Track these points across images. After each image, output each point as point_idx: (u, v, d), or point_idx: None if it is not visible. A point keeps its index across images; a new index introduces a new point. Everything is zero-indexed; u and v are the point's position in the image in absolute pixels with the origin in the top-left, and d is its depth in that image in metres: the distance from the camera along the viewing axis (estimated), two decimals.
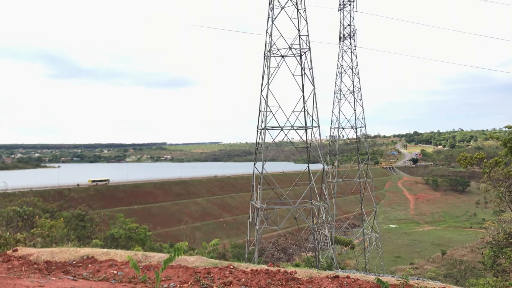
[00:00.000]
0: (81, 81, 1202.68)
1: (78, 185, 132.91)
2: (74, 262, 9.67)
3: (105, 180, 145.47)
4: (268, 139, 54.79)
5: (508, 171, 18.71)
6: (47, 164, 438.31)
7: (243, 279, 8.85)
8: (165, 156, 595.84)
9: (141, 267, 9.37)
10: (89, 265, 9.51)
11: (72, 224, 37.21)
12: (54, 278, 8.44)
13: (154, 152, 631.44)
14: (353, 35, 76.19)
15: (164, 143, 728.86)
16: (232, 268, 9.41)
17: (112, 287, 8.10)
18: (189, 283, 8.62)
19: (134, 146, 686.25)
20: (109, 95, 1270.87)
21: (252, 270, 9.39)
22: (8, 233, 13.80)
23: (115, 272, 9.13)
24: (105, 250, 10.39)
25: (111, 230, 39.63)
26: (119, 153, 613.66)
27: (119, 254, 10.12)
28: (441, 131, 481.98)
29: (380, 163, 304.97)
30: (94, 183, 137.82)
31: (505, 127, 17.04)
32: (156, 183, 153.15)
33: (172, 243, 62.26)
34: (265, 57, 53.38)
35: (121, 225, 41.77)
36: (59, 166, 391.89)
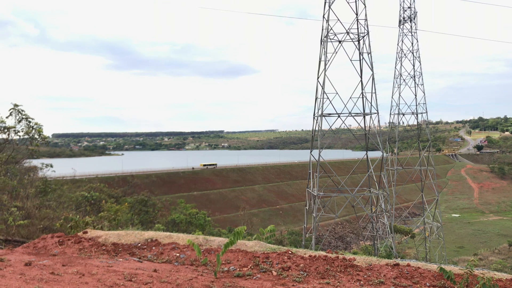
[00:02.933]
0: (143, 72, 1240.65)
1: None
2: (139, 245, 10.12)
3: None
4: (325, 126, 54.33)
5: None
6: (111, 152, 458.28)
7: (301, 265, 8.90)
8: (222, 144, 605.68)
9: (202, 251, 9.65)
10: (153, 248, 9.92)
11: (135, 209, 38.82)
12: (121, 259, 8.89)
13: (212, 140, 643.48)
14: (414, 18, 73.45)
15: (222, 131, 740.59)
16: (290, 254, 9.49)
17: (175, 269, 8.41)
18: (248, 267, 8.79)
19: (193, 134, 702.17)
20: (169, 85, 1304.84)
21: (310, 256, 9.43)
22: (78, 216, 14.64)
23: (178, 254, 9.46)
24: (168, 233, 10.78)
25: (172, 215, 40.97)
26: (178, 141, 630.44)
27: (181, 238, 10.47)
28: (508, 116, 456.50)
29: (442, 151, 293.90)
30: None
31: None
32: (214, 170, 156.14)
33: (230, 228, 63.45)
34: (322, 42, 52.69)
35: (182, 210, 43.05)
36: (122, 154, 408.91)
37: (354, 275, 8.60)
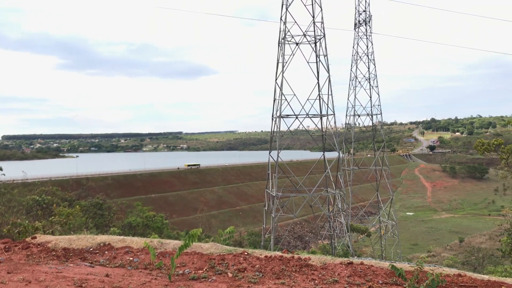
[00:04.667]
0: (98, 72, 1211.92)
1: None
2: (91, 249, 9.85)
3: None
4: (283, 128, 54.78)
5: None
6: (66, 154, 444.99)
7: (257, 266, 8.91)
8: (181, 145, 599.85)
9: (156, 254, 9.50)
10: (106, 252, 9.68)
11: (90, 213, 37.80)
12: (71, 265, 8.62)
13: (170, 141, 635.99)
14: (369, 21, 75.20)
15: (180, 132, 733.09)
16: (246, 255, 9.48)
17: (128, 273, 8.23)
18: (204, 269, 8.72)
19: (150, 135, 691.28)
20: (126, 86, 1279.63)
21: (266, 256, 9.45)
22: (27, 221, 14.09)
23: (131, 258, 9.27)
24: (122, 237, 10.56)
25: (129, 219, 40.19)
26: (136, 142, 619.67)
27: (135, 241, 10.27)
28: (459, 117, 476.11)
29: (397, 151, 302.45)
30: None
31: None
32: (173, 172, 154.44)
33: (188, 231, 62.89)
34: (280, 44, 53.11)
35: (139, 213, 42.31)
36: (77, 156, 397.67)
37: (309, 275, 8.68)
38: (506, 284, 9.07)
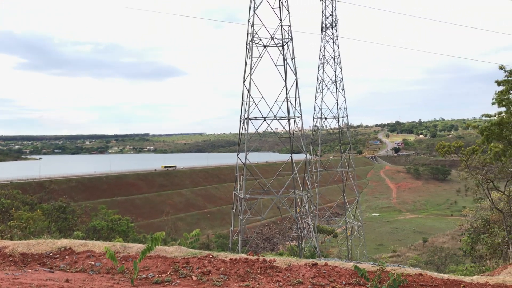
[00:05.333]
0: (63, 72, 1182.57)
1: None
2: (51, 254, 9.58)
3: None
4: (252, 130, 54.83)
5: (484, 159, 19.06)
6: (28, 156, 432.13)
7: (222, 268, 8.87)
8: (148, 147, 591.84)
9: (119, 258, 9.33)
10: (67, 257, 9.44)
11: (53, 216, 36.83)
12: (29, 270, 8.36)
13: (136, 143, 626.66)
14: (335, 25, 76.18)
15: (147, 134, 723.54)
16: (211, 258, 9.43)
17: (89, 278, 8.06)
18: (168, 273, 8.62)
19: (116, 137, 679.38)
20: (92, 86, 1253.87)
21: (231, 259, 9.42)
22: None
23: (93, 263, 9.07)
24: (83, 241, 10.31)
25: (93, 222, 39.34)
26: (101, 144, 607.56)
27: (98, 245, 10.06)
28: (422, 120, 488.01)
29: (363, 153, 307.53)
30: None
31: (482, 115, 17.37)
32: (140, 174, 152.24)
33: (153, 234, 62.11)
34: (247, 47, 53.18)
35: (103, 216, 41.49)
36: (40, 158, 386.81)
37: (274, 276, 8.71)
38: (465, 283, 9.34)
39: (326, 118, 78.66)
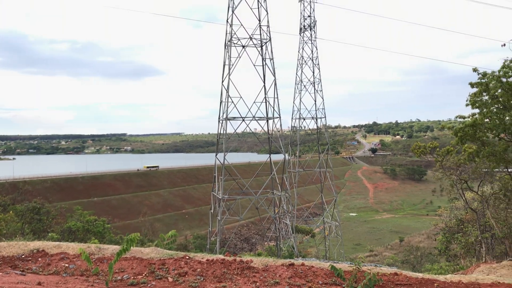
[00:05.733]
0: (38, 71, 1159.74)
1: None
2: (23, 256, 9.36)
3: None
4: (230, 130, 54.73)
5: (459, 160, 19.42)
6: (1, 156, 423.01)
7: (198, 269, 8.81)
8: (125, 148, 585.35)
9: (94, 260, 9.18)
10: (39, 259, 9.24)
11: (26, 218, 36.06)
12: (0, 274, 8.15)
13: (113, 143, 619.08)
14: (313, 27, 76.63)
15: (124, 134, 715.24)
16: (187, 259, 9.36)
17: (62, 281, 7.89)
18: (143, 274, 8.52)
19: (93, 137, 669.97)
20: (69, 85, 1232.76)
21: (208, 260, 9.37)
22: None
23: (67, 265, 8.90)
24: (57, 243, 10.12)
25: (69, 223, 38.67)
26: (77, 144, 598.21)
27: (72, 247, 9.88)
28: (399, 121, 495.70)
29: (340, 153, 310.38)
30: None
31: (456, 117, 17.70)
32: (116, 175, 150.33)
33: (128, 235, 61.39)
34: (226, 47, 53.07)
35: (79, 217, 40.83)
36: (14, 158, 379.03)
37: (251, 277, 8.70)
38: (439, 282, 9.50)
39: (304, 119, 79.06)
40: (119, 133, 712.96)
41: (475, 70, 16.31)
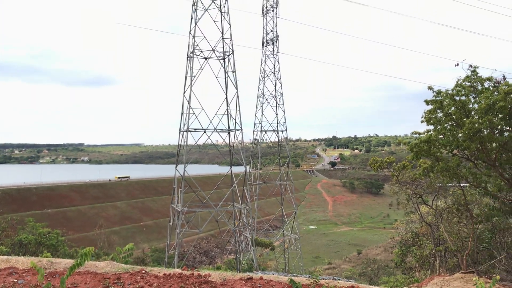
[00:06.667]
0: None
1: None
2: None
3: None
4: (191, 141, 54.30)
5: (414, 175, 19.95)
6: None
7: (155, 284, 8.62)
8: (82, 158, 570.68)
9: (45, 274, 8.82)
10: None
11: None
12: None
13: (70, 153, 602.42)
14: (276, 41, 77.53)
15: (82, 144, 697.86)
16: (144, 273, 9.14)
17: None
18: None
19: (48, 146, 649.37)
20: (23, 92, 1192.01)
21: (165, 274, 9.19)
22: None
23: (15, 280, 8.51)
24: (6, 257, 9.67)
25: (19, 236, 37.05)
26: (32, 153, 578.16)
27: (21, 261, 9.47)
28: (357, 136, 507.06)
29: (301, 166, 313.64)
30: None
31: (412, 133, 18.20)
32: (72, 186, 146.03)
33: (84, 248, 59.54)
34: (188, 58, 52.88)
35: (31, 230, 39.17)
36: None
37: None
38: None
39: (266, 132, 79.45)
40: (76, 142, 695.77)
41: (430, 88, 16.87)
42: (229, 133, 54.35)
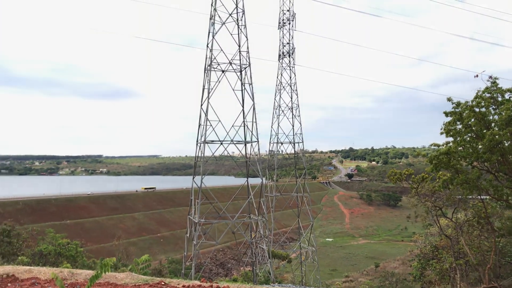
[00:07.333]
0: (14, 90, 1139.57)
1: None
2: None
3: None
4: (208, 153, 54.57)
5: (433, 187, 19.74)
6: None
7: None
8: (100, 169, 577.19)
9: (66, 285, 8.93)
10: (9, 284, 8.94)
11: None
12: None
13: (89, 165, 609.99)
14: (292, 53, 77.83)
15: (100, 156, 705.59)
16: (163, 285, 9.19)
17: None
18: None
19: (68, 158, 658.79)
20: (44, 105, 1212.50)
21: (184, 286, 9.22)
22: None
23: None
24: (28, 267, 9.82)
25: (40, 246, 37.57)
26: (51, 165, 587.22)
27: (43, 272, 9.60)
28: (375, 147, 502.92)
29: (317, 178, 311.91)
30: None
31: (430, 145, 18.06)
32: (91, 197, 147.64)
33: (103, 259, 60.07)
34: (206, 71, 53.37)
35: (51, 240, 39.70)
36: None
37: None
38: None
39: (282, 143, 79.44)
40: (95, 154, 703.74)
41: (449, 99, 16.76)
42: (245, 144, 54.50)
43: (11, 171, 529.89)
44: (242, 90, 53.24)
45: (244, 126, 53.48)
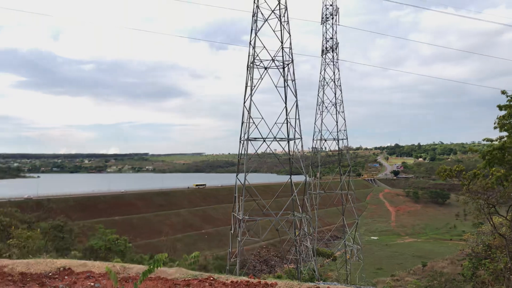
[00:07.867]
0: (64, 90, 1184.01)
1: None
2: (50, 274, 9.44)
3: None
4: (251, 150, 54.78)
5: (486, 183, 19.00)
6: (26, 174, 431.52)
7: None
8: (146, 167, 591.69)
9: (119, 279, 9.19)
10: (66, 277, 9.30)
11: (50, 235, 36.49)
12: None
13: (135, 162, 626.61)
14: (336, 48, 76.85)
15: (146, 154, 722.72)
16: (212, 280, 9.29)
17: None
18: None
19: (115, 156, 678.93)
20: (92, 105, 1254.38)
21: (232, 282, 9.29)
22: None
23: (92, 284, 8.93)
24: (83, 261, 10.18)
25: (90, 242, 38.95)
26: (100, 163, 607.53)
27: (97, 266, 9.93)
28: (421, 144, 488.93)
29: (362, 175, 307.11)
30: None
31: (483, 140, 17.38)
32: (138, 194, 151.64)
33: (152, 255, 61.45)
34: (248, 68, 53.55)
35: (101, 236, 41.06)
36: (38, 176, 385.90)
37: None
38: None
39: (325, 140, 78.66)
40: (141, 152, 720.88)
41: (503, 92, 16.07)
42: (288, 141, 54.34)
43: (62, 169, 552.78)
44: (284, 87, 53.11)
45: (287, 123, 53.34)
